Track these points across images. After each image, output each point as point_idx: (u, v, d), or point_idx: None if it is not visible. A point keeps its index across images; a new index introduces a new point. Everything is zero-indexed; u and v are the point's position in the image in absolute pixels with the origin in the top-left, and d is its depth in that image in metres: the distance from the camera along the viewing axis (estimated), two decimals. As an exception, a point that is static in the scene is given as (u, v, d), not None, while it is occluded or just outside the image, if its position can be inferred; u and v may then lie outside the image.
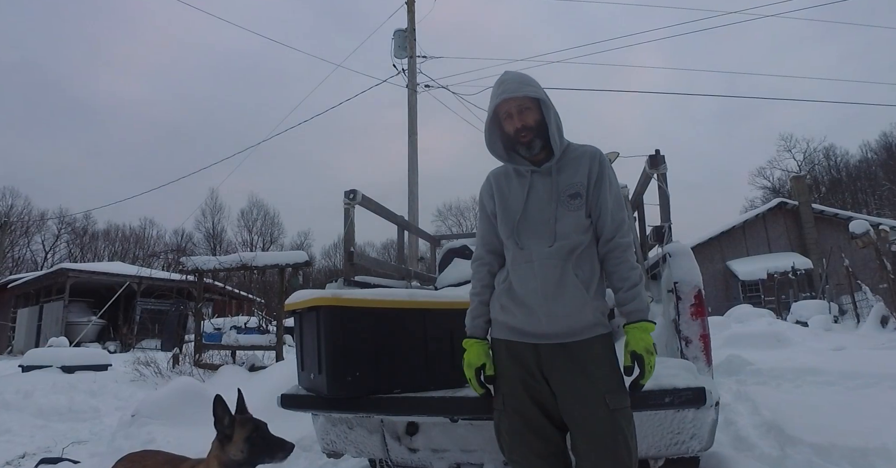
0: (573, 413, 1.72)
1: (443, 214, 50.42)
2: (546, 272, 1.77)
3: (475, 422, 2.41)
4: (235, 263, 8.13)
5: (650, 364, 1.69)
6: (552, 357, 1.76)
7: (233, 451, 1.90)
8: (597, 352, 1.76)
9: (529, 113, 1.84)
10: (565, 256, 1.78)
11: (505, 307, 1.85)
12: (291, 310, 2.41)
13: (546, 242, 1.79)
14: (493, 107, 1.87)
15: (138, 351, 10.43)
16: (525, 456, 1.78)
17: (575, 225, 1.80)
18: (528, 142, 1.84)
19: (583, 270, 1.79)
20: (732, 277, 23.20)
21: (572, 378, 1.73)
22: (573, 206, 1.82)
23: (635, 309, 1.75)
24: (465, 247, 4.22)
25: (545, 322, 1.76)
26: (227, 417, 1.94)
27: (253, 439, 1.90)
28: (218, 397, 1.94)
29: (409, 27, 12.17)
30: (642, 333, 1.71)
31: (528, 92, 1.82)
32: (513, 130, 1.86)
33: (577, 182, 1.84)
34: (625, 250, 1.81)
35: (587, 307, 1.76)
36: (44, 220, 41.89)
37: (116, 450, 3.81)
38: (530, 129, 1.84)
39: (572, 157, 1.88)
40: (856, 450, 2.96)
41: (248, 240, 48.78)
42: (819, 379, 5.35)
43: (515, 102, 1.84)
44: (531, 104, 1.84)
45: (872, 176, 41.98)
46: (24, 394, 6.59)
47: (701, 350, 2.38)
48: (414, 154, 11.35)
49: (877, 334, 9.46)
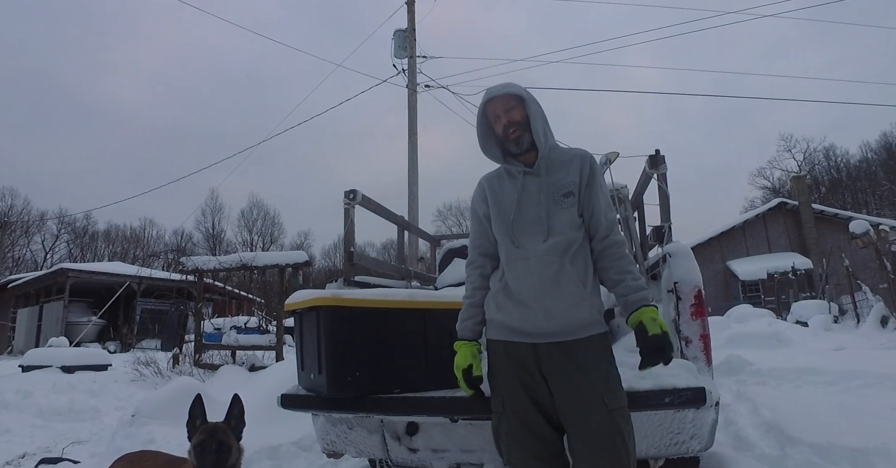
0: (571, 413, 1.72)
1: (443, 214, 50.49)
2: (543, 268, 1.78)
3: (475, 422, 2.41)
4: (235, 263, 8.14)
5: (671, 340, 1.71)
6: (550, 356, 1.76)
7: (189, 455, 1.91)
8: (594, 351, 1.77)
9: (515, 110, 1.93)
10: (561, 252, 1.80)
11: (501, 306, 1.86)
12: (291, 310, 2.41)
13: (540, 238, 1.82)
14: (482, 111, 1.98)
15: (138, 351, 10.43)
16: (524, 459, 1.77)
17: (568, 221, 1.84)
18: (517, 137, 1.92)
19: (579, 267, 1.81)
20: (732, 277, 23.20)
21: (570, 377, 1.73)
22: (566, 204, 1.86)
23: (641, 296, 1.76)
24: (465, 247, 4.20)
25: (542, 319, 1.76)
26: (198, 419, 1.95)
27: (203, 444, 1.87)
28: (198, 397, 1.96)
29: (409, 27, 12.17)
30: (654, 313, 1.73)
31: (510, 90, 1.93)
32: (501, 129, 1.94)
33: (570, 182, 1.89)
34: (621, 246, 1.86)
35: (584, 304, 1.78)
36: (44, 220, 41.92)
37: (116, 450, 3.81)
38: (518, 123, 1.92)
39: (563, 159, 1.94)
40: (856, 450, 2.96)
41: (248, 240, 48.82)
42: (819, 379, 5.35)
43: (501, 102, 1.93)
44: (515, 103, 1.93)
45: (872, 176, 41.98)
46: (24, 394, 6.59)
47: (701, 350, 2.38)
48: (414, 154, 11.35)
49: (877, 334, 9.45)
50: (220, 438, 1.90)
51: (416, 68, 11.95)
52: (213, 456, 1.86)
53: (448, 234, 19.57)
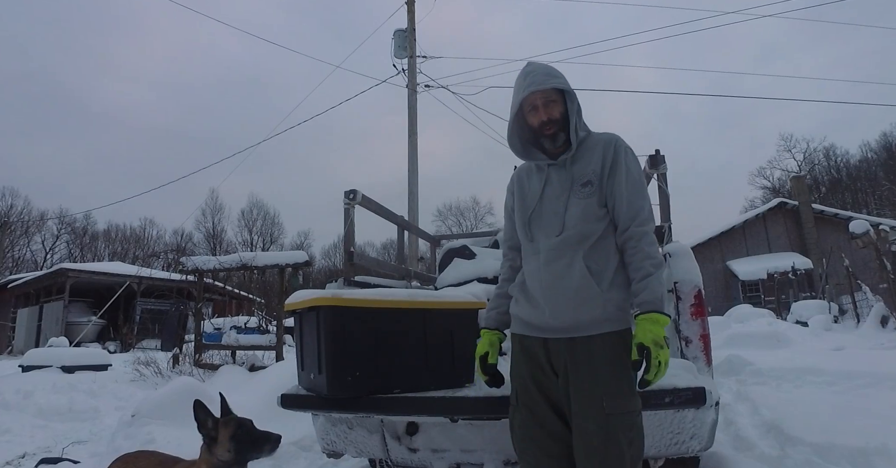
0: (573, 412, 1.67)
1: (443, 214, 50.52)
2: (551, 263, 1.75)
3: (475, 422, 2.41)
4: (235, 263, 8.13)
5: (658, 358, 1.54)
6: (558, 352, 1.73)
7: (220, 452, 1.91)
8: (603, 350, 1.68)
9: (555, 105, 1.81)
10: (574, 246, 1.73)
11: (517, 300, 1.87)
12: (291, 310, 2.41)
13: (554, 232, 1.77)
14: (520, 100, 1.82)
15: (138, 351, 10.42)
16: (534, 454, 1.75)
17: (584, 213, 1.75)
18: (552, 134, 1.81)
19: (596, 261, 1.72)
20: (732, 277, 23.20)
21: (574, 376, 1.68)
22: (584, 194, 1.77)
23: (645, 300, 1.63)
24: (465, 247, 4.21)
25: (549, 315, 1.73)
26: (209, 420, 1.95)
27: (238, 437, 1.91)
28: (197, 402, 1.95)
29: (409, 27, 12.17)
30: (651, 325, 1.59)
31: (554, 84, 1.79)
32: (537, 123, 1.82)
33: (591, 170, 1.79)
34: (640, 239, 1.70)
35: (596, 300, 1.68)
36: (44, 220, 41.91)
37: (116, 450, 3.80)
38: (555, 122, 1.80)
39: (588, 147, 1.83)
40: (856, 450, 2.96)
41: (248, 240, 48.83)
42: (819, 379, 5.35)
43: (542, 94, 1.79)
44: (556, 96, 1.81)
45: (872, 176, 41.98)
46: (24, 394, 6.58)
47: (701, 350, 2.37)
48: (414, 154, 11.35)
49: (877, 334, 9.46)
50: (249, 427, 1.96)
51: (416, 68, 11.96)
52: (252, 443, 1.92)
53: (448, 234, 19.55)
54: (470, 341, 2.27)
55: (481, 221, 49.44)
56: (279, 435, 1.98)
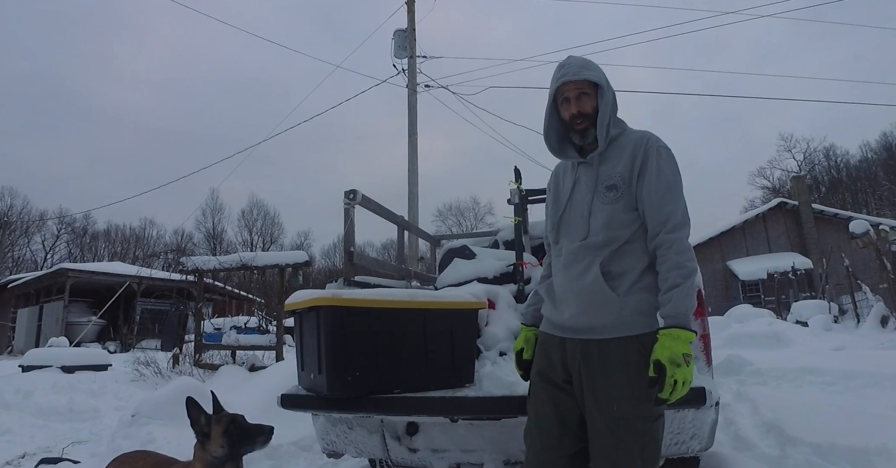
0: (587, 411, 1.66)
1: (443, 214, 50.54)
2: (570, 266, 1.74)
3: (475, 422, 2.42)
4: (235, 263, 8.12)
5: (674, 376, 1.46)
6: (574, 353, 1.71)
7: (213, 448, 1.91)
8: (618, 353, 1.63)
9: (587, 99, 1.75)
10: (595, 250, 1.69)
11: (544, 299, 1.89)
12: (291, 310, 2.41)
13: (579, 237, 1.73)
14: (553, 91, 1.78)
15: (138, 351, 10.42)
16: (532, 445, 1.77)
17: (609, 220, 1.69)
18: (582, 129, 1.76)
19: (619, 265, 1.67)
20: (732, 277, 23.20)
21: (588, 378, 1.66)
22: (608, 199, 1.70)
23: (668, 314, 1.56)
24: (465, 247, 4.21)
25: (567, 316, 1.74)
26: (202, 417, 1.96)
27: (230, 431, 1.92)
28: (190, 399, 1.95)
29: (409, 27, 12.17)
30: (671, 341, 1.51)
31: (588, 76, 1.73)
32: (568, 116, 1.77)
33: (618, 173, 1.71)
34: (669, 247, 1.62)
35: (610, 305, 1.64)
36: (44, 220, 41.92)
37: (116, 450, 3.80)
38: (586, 116, 1.74)
39: (620, 146, 1.75)
40: (856, 450, 2.96)
41: (248, 240, 48.87)
42: (819, 379, 5.35)
43: (574, 86, 1.74)
44: (590, 90, 1.75)
45: (872, 176, 41.99)
46: (24, 394, 6.58)
47: (701, 350, 2.37)
48: (414, 154, 11.35)
49: (877, 334, 9.45)
50: (241, 422, 1.96)
51: (416, 68, 11.96)
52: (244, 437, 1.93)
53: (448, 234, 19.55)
54: (470, 341, 2.27)
55: (481, 221, 49.54)
56: (271, 426, 1.99)
